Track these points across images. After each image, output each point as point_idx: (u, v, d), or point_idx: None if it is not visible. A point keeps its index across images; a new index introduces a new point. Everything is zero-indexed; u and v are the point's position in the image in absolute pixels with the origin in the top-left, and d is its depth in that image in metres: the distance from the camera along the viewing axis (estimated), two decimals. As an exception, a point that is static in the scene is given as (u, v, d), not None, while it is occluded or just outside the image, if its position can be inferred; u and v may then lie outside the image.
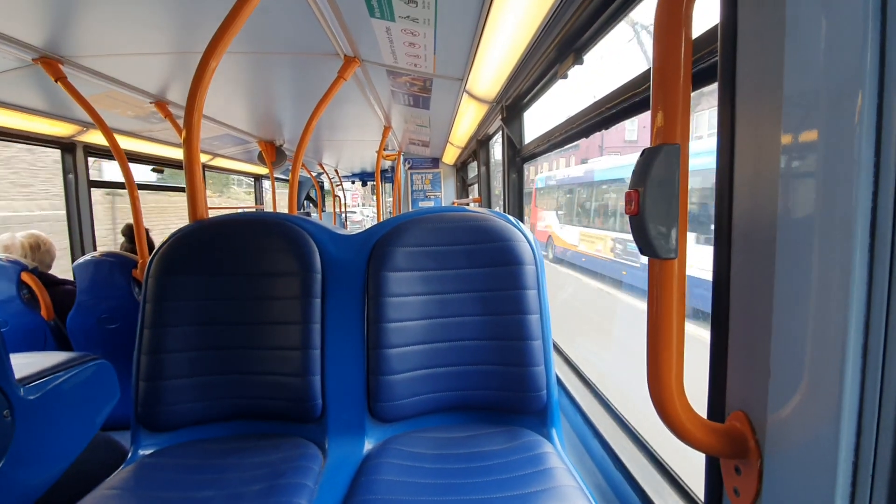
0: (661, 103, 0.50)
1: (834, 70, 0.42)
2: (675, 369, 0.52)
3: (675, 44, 0.49)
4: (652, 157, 0.49)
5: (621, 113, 1.12)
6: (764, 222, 0.49)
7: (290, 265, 1.18)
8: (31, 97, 2.21)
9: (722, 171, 0.56)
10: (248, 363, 1.17)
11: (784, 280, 0.47)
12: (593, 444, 1.21)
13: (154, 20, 1.50)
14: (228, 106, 2.76)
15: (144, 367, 1.14)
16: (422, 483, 0.94)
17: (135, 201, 2.32)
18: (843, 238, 0.41)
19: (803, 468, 0.45)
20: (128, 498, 0.92)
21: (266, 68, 2.07)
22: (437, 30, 1.49)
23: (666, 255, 0.50)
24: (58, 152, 2.85)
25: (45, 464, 1.20)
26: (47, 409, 1.20)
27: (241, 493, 0.93)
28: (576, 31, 1.25)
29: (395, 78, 2.17)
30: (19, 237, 2.38)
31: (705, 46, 0.71)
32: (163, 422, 1.14)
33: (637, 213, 0.50)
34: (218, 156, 4.50)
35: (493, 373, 1.16)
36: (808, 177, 0.44)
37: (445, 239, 1.18)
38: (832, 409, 0.42)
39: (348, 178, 8.88)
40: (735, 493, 0.55)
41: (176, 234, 1.22)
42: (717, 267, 0.57)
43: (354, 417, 1.16)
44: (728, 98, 0.54)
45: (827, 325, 0.42)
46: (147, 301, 1.16)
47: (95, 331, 2.24)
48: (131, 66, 1.92)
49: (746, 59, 0.52)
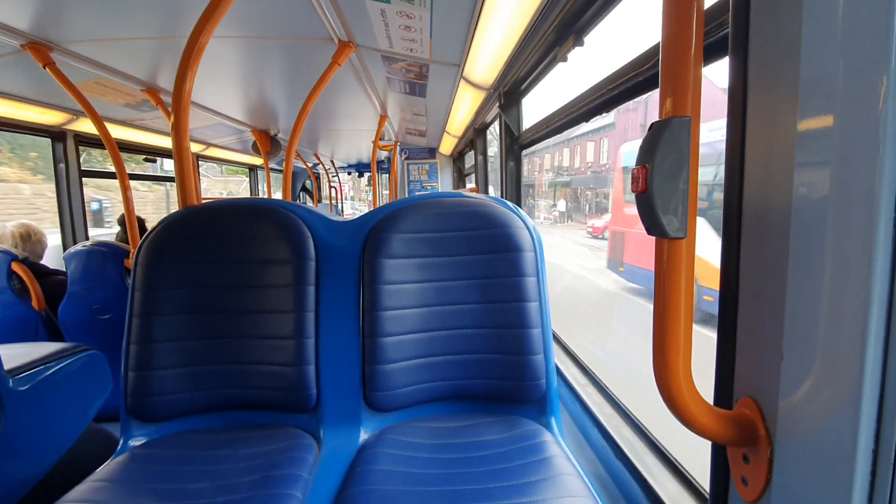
0: (671, 75, 0.47)
1: (854, 43, 0.39)
2: (682, 354, 0.50)
3: (687, 11, 0.47)
4: (660, 131, 0.47)
5: (625, 94, 1.09)
6: (778, 203, 0.47)
7: (283, 252, 1.16)
8: (20, 84, 2.17)
9: (732, 150, 0.53)
10: (241, 352, 1.15)
11: (799, 262, 0.45)
12: (593, 432, 1.20)
13: (144, 4, 1.46)
14: (221, 94, 2.71)
15: (134, 356, 1.11)
16: (418, 473, 0.93)
17: (126, 191, 2.28)
18: (863, 219, 0.38)
19: (818, 456, 0.43)
20: (118, 489, 0.90)
21: (258, 54, 2.03)
22: (433, 13, 1.45)
23: (674, 235, 0.47)
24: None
25: (36, 455, 1.18)
26: (38, 400, 1.18)
27: (234, 484, 0.91)
28: (576, 11, 1.22)
29: (391, 64, 2.13)
30: (10, 227, 2.35)
31: (716, 18, 0.68)
32: (153, 412, 1.12)
33: (644, 190, 0.47)
34: (211, 145, 4.45)
35: (491, 361, 1.14)
36: (826, 156, 0.42)
37: (442, 225, 1.16)
38: (851, 394, 0.40)
39: (345, 170, 8.82)
40: (743, 482, 0.53)
41: (165, 221, 1.19)
42: (727, 248, 0.55)
43: (350, 407, 1.14)
44: (740, 73, 0.52)
45: (846, 306, 0.40)
46: (136, 289, 1.14)
47: (87, 321, 2.22)
48: (121, 51, 1.88)
49: (760, 31, 0.49)
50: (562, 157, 22.20)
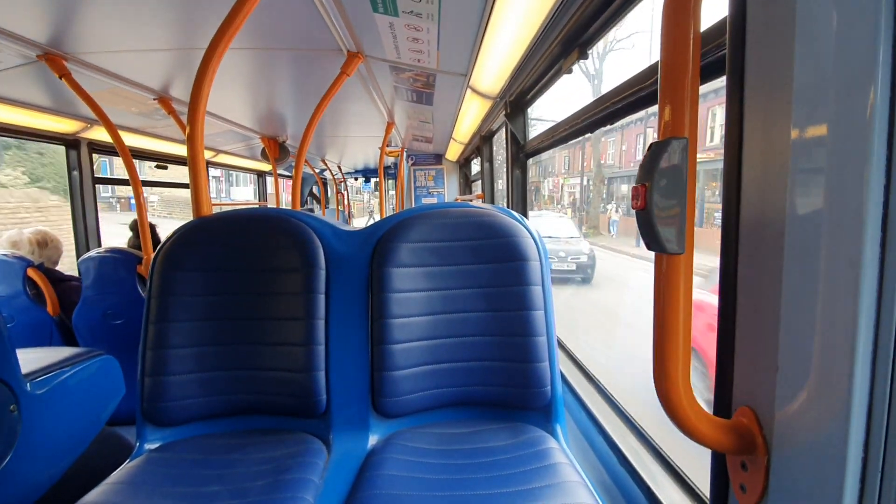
0: (668, 97, 0.50)
1: (845, 64, 0.41)
2: (681, 365, 0.52)
3: (684, 37, 0.49)
4: (659, 152, 0.49)
5: (627, 107, 1.11)
6: (772, 216, 0.49)
7: (294, 261, 1.18)
8: (36, 94, 2.22)
9: (729, 166, 0.55)
10: (253, 359, 1.17)
11: (793, 274, 0.46)
12: (597, 440, 1.21)
13: (157, 16, 1.50)
14: (232, 102, 2.76)
15: (150, 362, 1.14)
16: (426, 478, 0.94)
17: (138, 197, 2.32)
18: (853, 232, 0.40)
19: (812, 464, 0.45)
20: (134, 492, 0.93)
21: (269, 64, 2.07)
22: (440, 25, 1.48)
23: (672, 251, 0.49)
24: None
25: (52, 458, 1.21)
26: (54, 403, 1.20)
27: (247, 487, 0.93)
28: (581, 25, 1.25)
29: (399, 73, 2.16)
30: (27, 233, 2.39)
31: (713, 40, 0.70)
32: (168, 417, 1.14)
33: (644, 207, 0.49)
34: (221, 152, 4.51)
35: (497, 369, 1.16)
36: (817, 171, 0.44)
37: (449, 235, 1.18)
38: (841, 405, 0.41)
39: (351, 175, 8.88)
40: (741, 490, 0.55)
41: (180, 230, 1.22)
42: (725, 261, 0.57)
43: (358, 413, 1.16)
44: (736, 92, 0.54)
45: (836, 320, 0.42)
46: (152, 296, 1.17)
47: (100, 326, 2.26)
48: (135, 62, 1.92)
49: (755, 52, 0.51)
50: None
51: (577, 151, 19.91)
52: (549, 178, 23.03)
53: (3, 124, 2.38)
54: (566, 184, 21.53)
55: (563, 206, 20.83)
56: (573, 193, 20.87)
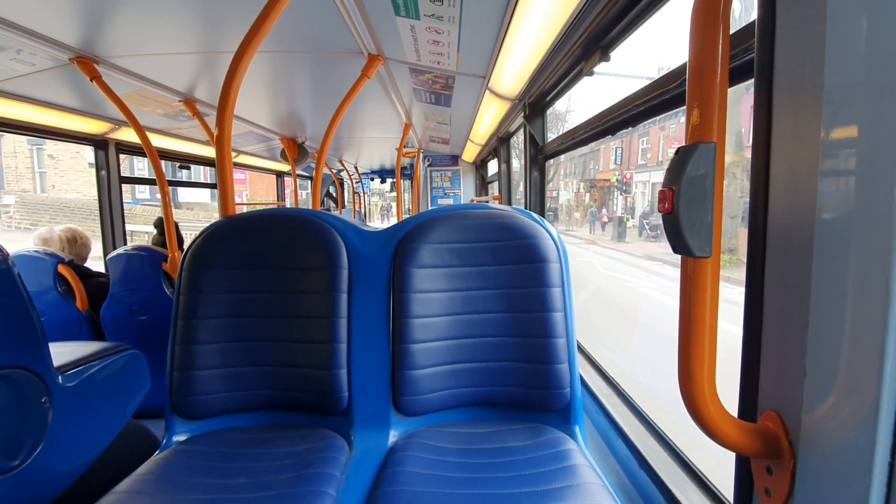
0: (697, 100, 0.50)
1: (876, 66, 0.41)
2: (707, 368, 0.52)
3: (713, 39, 0.49)
4: (687, 156, 0.49)
5: (650, 110, 1.11)
6: (801, 219, 0.49)
7: (318, 260, 1.21)
8: (67, 95, 2.29)
9: (757, 169, 0.55)
10: (277, 355, 1.20)
11: (822, 278, 0.46)
12: (617, 443, 1.21)
13: (184, 21, 1.54)
14: (253, 104, 2.81)
15: (178, 356, 1.17)
16: (446, 476, 0.95)
17: (165, 196, 2.38)
18: (884, 236, 0.40)
19: (838, 469, 0.45)
20: (164, 482, 0.96)
21: (291, 67, 2.10)
22: (461, 27, 1.49)
23: (700, 254, 0.50)
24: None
25: (80, 450, 1.25)
26: (83, 396, 1.25)
27: (271, 481, 0.96)
28: (603, 27, 1.24)
29: (418, 75, 2.18)
30: (57, 231, 2.47)
31: (742, 42, 0.70)
32: (195, 410, 1.17)
33: (671, 211, 0.49)
34: (241, 153, 4.59)
35: (516, 370, 1.17)
36: (847, 174, 0.44)
37: (470, 236, 1.19)
38: (869, 410, 0.41)
39: (368, 175, 8.95)
40: (766, 494, 0.55)
41: (209, 229, 1.25)
42: (751, 265, 0.57)
43: (379, 411, 1.18)
44: (765, 94, 0.54)
45: (866, 325, 0.42)
46: (181, 293, 1.20)
47: (126, 321, 2.32)
48: (162, 65, 1.98)
49: (785, 54, 0.51)
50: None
51: (634, 140, 16.29)
52: (569, 178, 20.82)
53: (36, 125, 2.46)
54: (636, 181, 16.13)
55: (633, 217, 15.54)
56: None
